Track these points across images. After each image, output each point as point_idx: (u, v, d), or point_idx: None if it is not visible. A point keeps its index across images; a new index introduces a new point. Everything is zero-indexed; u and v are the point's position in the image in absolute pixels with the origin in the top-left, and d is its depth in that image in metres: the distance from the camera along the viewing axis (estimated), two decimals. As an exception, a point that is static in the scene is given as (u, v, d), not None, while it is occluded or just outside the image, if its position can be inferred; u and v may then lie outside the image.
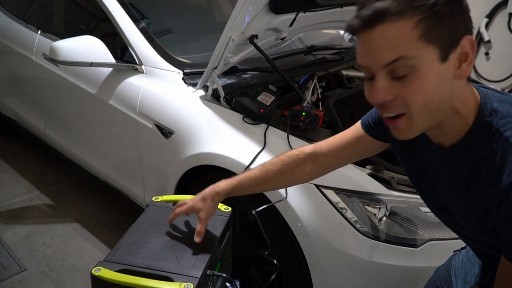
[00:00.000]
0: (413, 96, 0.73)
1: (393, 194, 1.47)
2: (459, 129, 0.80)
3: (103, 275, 1.01)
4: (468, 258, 1.12)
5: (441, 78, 0.73)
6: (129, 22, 2.06)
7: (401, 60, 0.71)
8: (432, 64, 0.72)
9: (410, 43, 0.71)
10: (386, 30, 0.71)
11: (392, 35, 0.71)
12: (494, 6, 3.66)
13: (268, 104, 1.73)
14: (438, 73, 0.73)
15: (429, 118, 0.77)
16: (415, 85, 0.72)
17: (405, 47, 0.71)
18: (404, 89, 0.73)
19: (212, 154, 1.68)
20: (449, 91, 0.76)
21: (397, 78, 0.73)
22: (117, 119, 2.04)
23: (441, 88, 0.74)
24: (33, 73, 2.60)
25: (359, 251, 1.45)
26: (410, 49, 0.71)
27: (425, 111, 0.75)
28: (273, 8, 1.73)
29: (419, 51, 0.71)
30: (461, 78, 0.75)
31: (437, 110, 0.76)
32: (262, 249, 1.68)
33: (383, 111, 0.78)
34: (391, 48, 0.71)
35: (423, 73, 0.72)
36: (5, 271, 2.11)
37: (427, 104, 0.74)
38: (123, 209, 2.60)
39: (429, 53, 0.71)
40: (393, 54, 0.71)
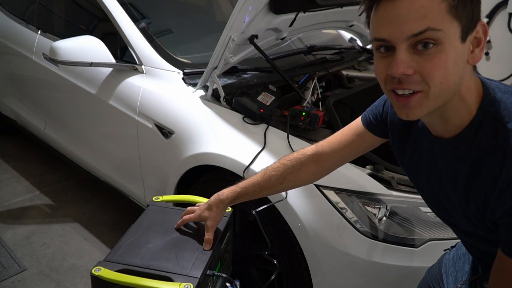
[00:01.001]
0: (434, 71, 0.72)
1: (393, 194, 1.47)
2: (461, 119, 0.79)
3: (103, 275, 1.01)
4: (458, 257, 1.12)
5: (460, 57, 0.73)
6: (129, 22, 2.06)
7: (429, 32, 0.69)
8: (455, 41, 0.71)
9: (439, 15, 0.69)
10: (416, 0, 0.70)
11: (422, 5, 0.69)
12: (494, 6, 3.66)
13: (268, 104, 1.73)
14: (458, 52, 0.72)
15: (443, 98, 0.75)
16: (437, 59, 0.71)
17: (434, 18, 0.69)
18: (426, 63, 0.72)
19: (212, 154, 1.68)
20: (462, 74, 0.75)
21: (418, 52, 0.72)
22: (117, 119, 2.04)
23: (458, 68, 0.73)
24: (33, 73, 2.60)
25: (359, 251, 1.45)
26: (439, 21, 0.69)
27: (441, 89, 0.73)
28: (273, 8, 1.73)
29: (446, 25, 0.70)
30: (473, 63, 0.75)
31: (450, 91, 0.75)
32: (262, 249, 1.68)
33: (399, 86, 0.75)
34: (420, 18, 0.69)
35: (446, 49, 0.71)
36: (5, 271, 2.11)
37: (445, 82, 0.73)
38: (123, 209, 2.60)
39: (454, 29, 0.71)
40: (422, 24, 0.69)
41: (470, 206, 0.84)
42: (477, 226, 0.86)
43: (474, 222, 0.87)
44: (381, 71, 0.77)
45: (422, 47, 0.71)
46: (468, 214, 0.86)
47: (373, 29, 0.76)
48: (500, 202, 0.75)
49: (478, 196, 0.80)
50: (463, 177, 0.82)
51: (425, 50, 0.71)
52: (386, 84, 0.78)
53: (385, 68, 0.76)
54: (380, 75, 0.78)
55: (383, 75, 0.77)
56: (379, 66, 0.78)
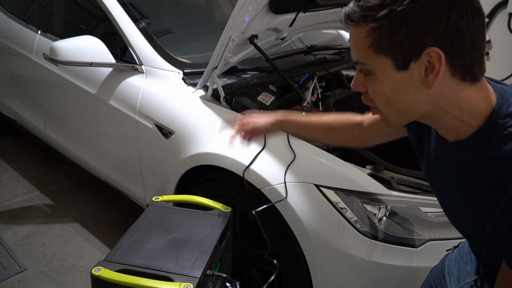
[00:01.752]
0: (374, 95, 0.79)
1: (393, 194, 1.47)
2: (460, 128, 0.79)
3: (103, 275, 1.02)
4: (461, 257, 1.12)
5: (402, 84, 0.76)
6: (129, 22, 2.06)
7: (359, 64, 0.78)
8: (387, 71, 0.75)
9: (362, 50, 0.76)
10: (353, 32, 0.77)
11: (353, 39, 0.77)
12: (494, 6, 3.66)
13: (268, 104, 1.73)
14: (396, 80, 0.75)
15: (401, 116, 0.80)
16: (373, 86, 0.78)
17: (359, 53, 0.77)
18: (368, 86, 0.80)
19: (212, 154, 1.68)
20: (418, 96, 0.76)
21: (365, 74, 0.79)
22: (117, 119, 2.04)
23: (404, 93, 0.76)
24: (33, 73, 2.60)
25: (359, 251, 1.45)
26: (363, 56, 0.76)
27: (390, 110, 0.79)
28: (273, 8, 1.73)
29: (370, 59, 0.75)
30: (429, 88, 0.74)
31: (407, 111, 0.79)
32: (262, 249, 1.68)
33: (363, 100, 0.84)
34: (353, 49, 0.78)
35: (379, 78, 0.77)
36: (5, 271, 2.11)
37: (390, 105, 0.79)
38: (123, 209, 2.60)
39: (381, 62, 0.75)
40: (354, 56, 0.78)
41: (469, 212, 0.83)
42: (477, 232, 0.86)
43: (471, 227, 0.86)
44: None
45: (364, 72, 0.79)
46: (467, 218, 0.86)
47: None
48: (504, 217, 0.74)
49: (477, 204, 0.80)
50: (465, 183, 0.82)
51: (366, 76, 0.79)
52: None
53: None
54: None
55: None
56: None
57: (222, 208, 1.32)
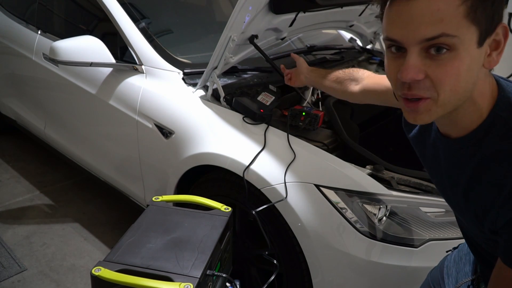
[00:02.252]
0: (445, 78, 0.69)
1: (393, 194, 1.47)
2: (471, 121, 0.76)
3: (103, 275, 1.02)
4: (460, 258, 1.12)
5: (475, 63, 0.70)
6: (129, 22, 2.06)
7: (443, 37, 0.66)
8: (471, 46, 0.68)
9: (455, 20, 0.66)
10: (433, 1, 0.66)
11: (439, 8, 0.65)
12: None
13: (268, 104, 1.73)
14: (473, 58, 0.69)
15: (452, 104, 0.72)
16: (450, 66, 0.68)
17: (450, 23, 0.66)
18: (438, 69, 0.68)
19: (212, 154, 1.68)
20: (475, 79, 0.72)
21: (430, 57, 0.68)
22: (117, 119, 2.04)
23: (471, 74, 0.70)
24: (33, 73, 2.60)
25: (359, 251, 1.45)
26: (455, 26, 0.66)
27: (451, 97, 0.70)
28: (273, 8, 1.73)
29: (462, 31, 0.66)
30: (489, 67, 0.72)
31: (461, 98, 0.72)
32: (262, 249, 1.68)
33: (408, 91, 0.72)
34: (435, 22, 0.66)
35: (460, 55, 0.67)
36: (5, 271, 2.11)
37: (455, 89, 0.70)
38: (123, 209, 2.60)
39: (470, 35, 0.67)
40: (437, 29, 0.66)
41: (468, 209, 0.83)
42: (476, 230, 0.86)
43: (470, 225, 0.86)
44: (392, 73, 0.75)
45: (435, 52, 0.68)
46: (465, 216, 0.86)
47: (385, 27, 0.73)
48: (502, 211, 0.73)
49: (477, 202, 0.79)
50: (465, 180, 0.80)
51: (438, 55, 0.68)
52: (397, 89, 0.75)
53: (395, 70, 0.73)
54: (391, 77, 0.75)
55: (394, 78, 0.75)
56: (389, 67, 0.75)
57: (222, 208, 1.32)
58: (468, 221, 0.86)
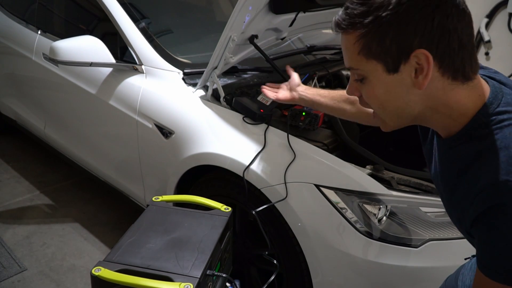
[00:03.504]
0: (368, 99, 0.82)
1: (393, 194, 1.47)
2: (450, 126, 0.81)
3: (103, 275, 1.02)
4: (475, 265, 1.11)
5: (393, 87, 0.78)
6: (129, 22, 2.06)
7: (352, 69, 0.81)
8: (379, 75, 0.77)
9: (353, 56, 0.78)
10: (342, 40, 0.80)
11: (345, 46, 0.79)
12: (494, 6, 3.66)
13: (268, 104, 1.73)
14: (388, 83, 0.77)
15: (395, 119, 0.83)
16: (366, 90, 0.81)
17: (351, 59, 0.79)
18: (362, 91, 0.83)
19: (212, 154, 1.68)
20: (410, 98, 0.78)
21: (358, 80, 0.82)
22: (117, 119, 2.04)
23: (395, 96, 0.79)
24: (33, 73, 2.60)
25: (359, 251, 1.45)
26: (354, 62, 0.79)
27: (384, 113, 0.82)
28: (273, 8, 1.73)
29: (361, 64, 0.78)
30: (420, 88, 0.76)
31: (400, 114, 0.81)
32: (262, 249, 1.68)
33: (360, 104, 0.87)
34: (345, 56, 0.81)
35: (372, 82, 0.79)
36: (5, 271, 2.11)
37: (384, 108, 0.81)
38: (123, 209, 2.60)
39: (372, 66, 0.77)
40: (347, 62, 0.81)
41: (456, 210, 0.84)
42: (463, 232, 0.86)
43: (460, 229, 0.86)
44: None
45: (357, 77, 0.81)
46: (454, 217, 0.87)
47: None
48: (471, 210, 0.75)
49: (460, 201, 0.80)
50: (453, 179, 0.83)
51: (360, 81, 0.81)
52: None
53: None
54: None
55: None
56: None
57: (222, 208, 1.32)
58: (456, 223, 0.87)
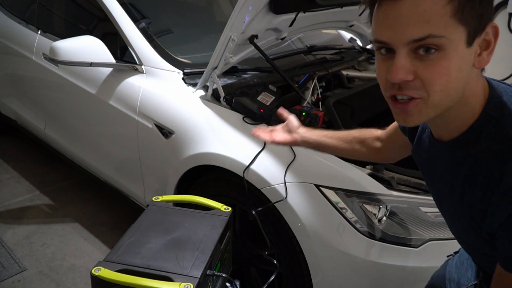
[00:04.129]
0: (435, 79, 0.68)
1: (393, 194, 1.47)
2: (462, 122, 0.76)
3: (103, 275, 1.02)
4: (461, 262, 1.11)
5: (464, 62, 0.69)
6: (129, 22, 2.06)
7: (431, 38, 0.66)
8: (459, 46, 0.68)
9: (442, 20, 0.65)
10: (420, 1, 0.65)
11: (425, 8, 0.65)
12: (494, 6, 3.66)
13: (268, 104, 1.73)
14: (462, 57, 0.69)
15: (443, 105, 0.72)
16: (439, 66, 0.68)
17: (437, 23, 0.65)
18: (427, 69, 0.68)
19: (212, 154, 1.68)
20: (466, 79, 0.71)
21: (419, 57, 0.68)
22: (117, 119, 2.04)
23: (462, 74, 0.70)
24: (33, 73, 2.60)
25: (359, 251, 1.45)
26: (442, 27, 0.66)
27: (441, 97, 0.70)
28: (273, 8, 1.73)
29: (450, 30, 0.66)
30: (480, 67, 0.71)
31: (452, 99, 0.71)
32: (262, 249, 1.68)
33: (398, 92, 0.72)
34: (422, 22, 0.66)
35: (449, 55, 0.67)
36: (5, 271, 2.11)
37: (446, 90, 0.69)
38: (123, 209, 2.60)
39: (458, 34, 0.67)
40: (424, 29, 0.66)
41: (465, 214, 0.81)
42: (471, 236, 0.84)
43: (468, 231, 0.84)
44: (382, 75, 0.74)
45: (423, 52, 0.67)
46: (462, 222, 0.84)
47: (374, 29, 0.72)
48: (497, 212, 0.71)
49: (473, 204, 0.77)
50: (460, 182, 0.79)
51: (427, 55, 0.67)
52: (386, 90, 0.75)
53: (385, 72, 0.73)
54: (381, 79, 0.75)
55: (384, 80, 0.74)
56: (380, 69, 0.75)
57: (222, 208, 1.32)
58: (465, 227, 0.84)
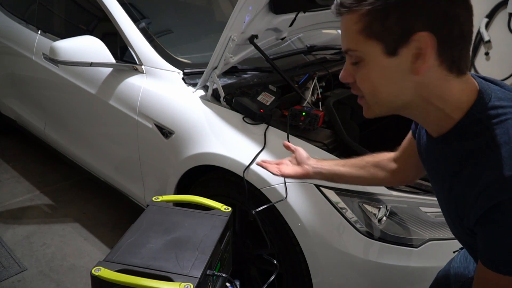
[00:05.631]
0: (362, 83, 0.80)
1: (393, 194, 1.48)
2: (442, 122, 0.80)
3: (103, 275, 1.02)
4: (465, 257, 1.12)
5: (390, 71, 0.76)
6: (129, 22, 2.06)
7: (350, 51, 0.79)
8: (377, 57, 0.76)
9: (353, 37, 0.77)
10: (344, 21, 0.78)
11: (346, 27, 0.78)
12: (494, 6, 3.66)
13: (268, 104, 1.73)
14: (385, 66, 0.76)
15: (385, 106, 0.81)
16: (361, 73, 0.79)
17: (350, 39, 0.78)
18: (357, 75, 0.81)
19: (212, 154, 1.68)
20: (404, 84, 0.77)
21: (354, 64, 0.80)
22: (117, 119, 2.04)
23: (390, 81, 0.77)
24: (33, 73, 2.60)
25: (359, 251, 1.45)
26: (354, 42, 0.77)
27: (376, 99, 0.80)
28: (273, 8, 1.73)
29: (361, 45, 0.76)
30: (417, 74, 0.75)
31: (391, 100, 0.80)
32: (262, 249, 1.68)
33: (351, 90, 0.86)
34: (345, 38, 0.79)
35: (369, 65, 0.77)
36: (5, 271, 2.11)
37: (375, 93, 0.80)
38: (123, 209, 2.60)
39: (372, 47, 0.75)
40: (345, 44, 0.80)
41: (453, 209, 0.83)
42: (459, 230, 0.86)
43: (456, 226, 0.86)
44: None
45: (353, 60, 0.80)
46: (452, 217, 0.86)
47: None
48: (475, 208, 0.74)
49: (458, 200, 0.80)
50: (448, 178, 0.83)
51: (356, 64, 0.80)
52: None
53: None
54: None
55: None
56: None
57: (222, 208, 1.32)
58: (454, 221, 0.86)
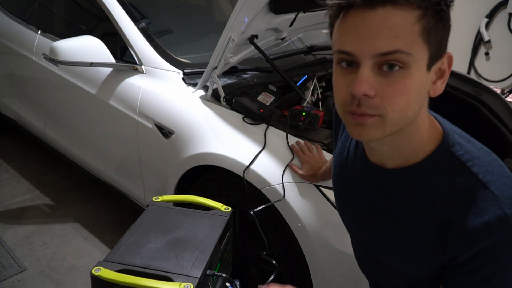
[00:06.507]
0: (396, 97, 0.65)
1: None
2: (413, 151, 0.74)
3: (103, 275, 1.01)
4: None
5: (423, 86, 0.67)
6: (129, 22, 2.06)
7: (398, 53, 0.63)
8: (421, 68, 0.65)
9: (410, 37, 0.63)
10: (391, 15, 0.62)
11: (396, 23, 0.62)
12: (494, 6, 3.66)
13: (268, 104, 1.73)
14: (422, 80, 0.66)
15: (400, 125, 0.68)
16: (401, 84, 0.64)
17: (405, 39, 0.62)
18: (389, 87, 0.64)
19: (212, 154, 1.68)
20: (422, 104, 0.70)
21: (383, 73, 0.64)
22: (117, 119, 2.04)
23: (420, 97, 0.68)
24: (33, 73, 2.60)
25: (359, 251, 1.45)
26: (410, 44, 0.63)
27: (400, 117, 0.67)
28: (273, 8, 1.73)
29: (416, 49, 0.63)
30: (434, 95, 0.70)
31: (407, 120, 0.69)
32: (262, 249, 1.68)
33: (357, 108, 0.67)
34: (392, 36, 0.62)
35: (413, 74, 0.64)
36: (5, 271, 2.11)
37: (405, 110, 0.66)
38: (123, 209, 2.60)
39: (423, 55, 0.65)
40: (393, 44, 0.62)
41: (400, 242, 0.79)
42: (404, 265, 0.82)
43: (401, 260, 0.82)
44: (341, 89, 0.69)
45: (387, 69, 0.64)
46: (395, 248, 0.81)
47: (338, 39, 0.68)
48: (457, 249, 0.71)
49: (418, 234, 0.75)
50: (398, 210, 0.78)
51: (391, 72, 0.64)
52: (344, 105, 0.69)
53: (345, 86, 0.67)
54: (340, 93, 0.69)
55: (343, 94, 0.68)
56: (339, 83, 0.69)
57: (222, 208, 1.32)
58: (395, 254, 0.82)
